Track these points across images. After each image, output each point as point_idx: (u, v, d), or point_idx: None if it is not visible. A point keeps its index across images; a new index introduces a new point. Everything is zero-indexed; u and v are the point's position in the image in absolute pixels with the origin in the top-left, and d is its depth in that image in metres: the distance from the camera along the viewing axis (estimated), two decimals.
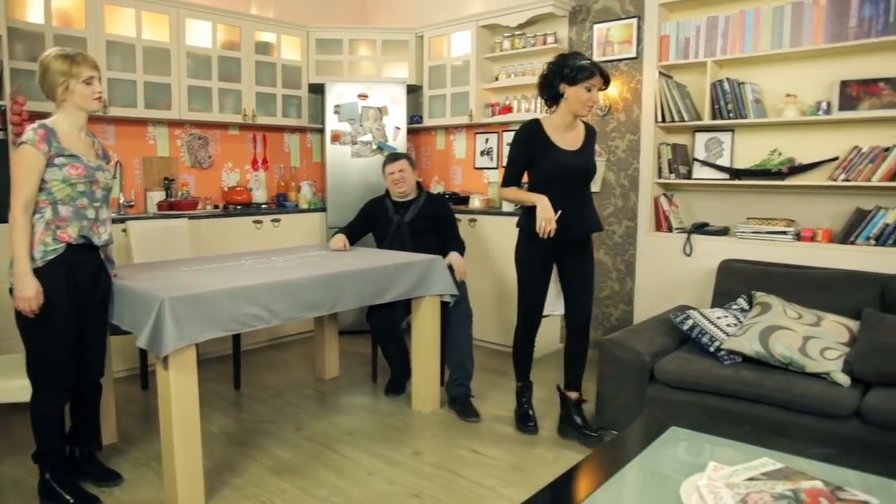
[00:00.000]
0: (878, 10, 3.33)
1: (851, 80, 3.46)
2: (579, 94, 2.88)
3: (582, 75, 2.85)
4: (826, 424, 2.57)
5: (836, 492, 1.73)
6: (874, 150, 3.36)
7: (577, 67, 2.85)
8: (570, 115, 2.97)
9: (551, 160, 2.96)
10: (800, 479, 1.78)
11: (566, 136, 3.02)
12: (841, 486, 1.76)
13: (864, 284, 3.08)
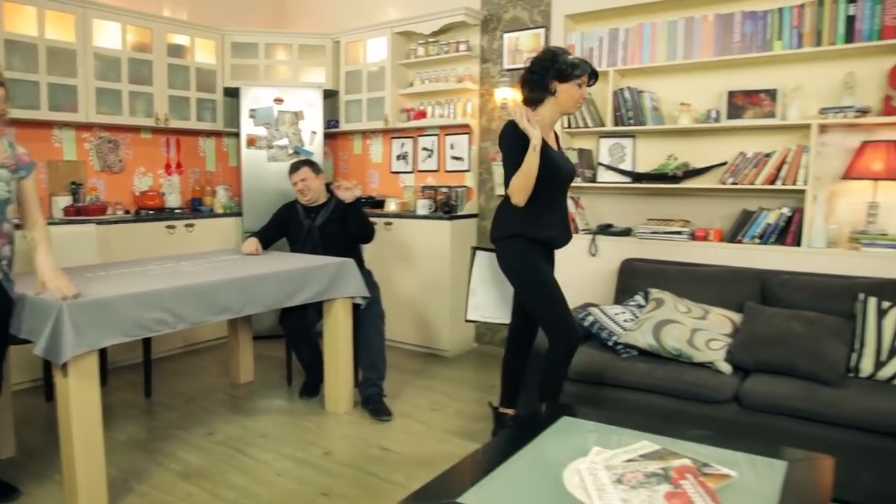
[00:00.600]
0: (756, 27, 3.59)
1: (738, 91, 3.72)
2: (572, 92, 2.75)
3: (576, 72, 2.73)
4: (709, 409, 2.77)
5: (703, 468, 1.89)
6: (757, 156, 3.62)
7: (570, 63, 2.73)
8: (559, 113, 2.84)
9: (547, 160, 2.72)
10: (672, 459, 1.94)
11: (550, 136, 2.86)
12: (707, 463, 1.93)
13: (747, 280, 3.32)
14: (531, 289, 2.81)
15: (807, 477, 1.89)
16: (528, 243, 2.78)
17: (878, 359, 2.80)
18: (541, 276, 2.78)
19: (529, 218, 2.76)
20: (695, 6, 3.80)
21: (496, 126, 4.53)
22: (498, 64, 4.47)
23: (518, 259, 2.80)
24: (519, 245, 2.78)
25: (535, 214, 2.77)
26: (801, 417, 2.59)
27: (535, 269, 2.78)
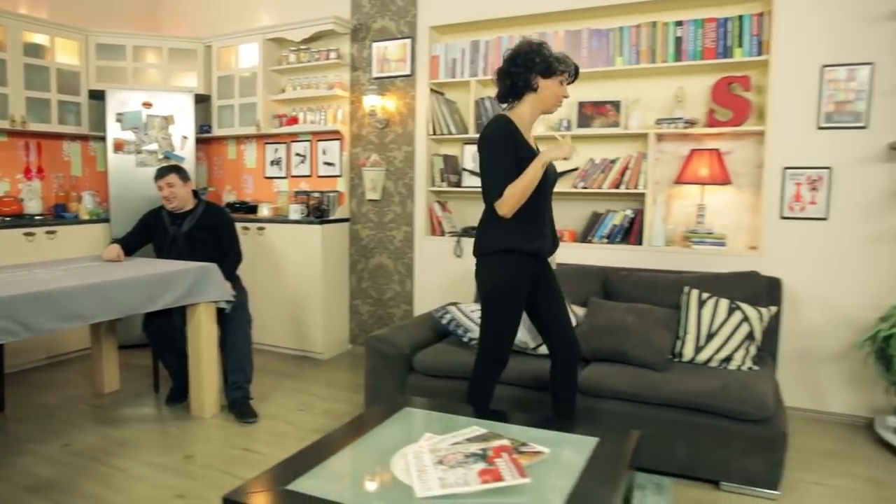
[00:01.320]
0: (601, 43, 3.90)
1: (587, 102, 4.02)
2: (554, 88, 2.56)
3: (560, 67, 2.54)
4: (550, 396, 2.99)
5: (520, 447, 2.07)
6: (604, 162, 3.93)
7: (553, 58, 2.53)
8: (539, 111, 2.62)
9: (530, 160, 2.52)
10: (493, 440, 2.11)
11: (530, 138, 2.64)
12: (525, 443, 2.11)
13: (592, 276, 3.60)
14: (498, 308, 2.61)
15: (612, 450, 2.11)
16: (521, 259, 2.56)
17: (698, 344, 3.12)
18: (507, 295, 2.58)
19: (521, 229, 2.54)
20: (547, 22, 4.07)
21: (366, 132, 4.66)
22: (367, 72, 4.59)
23: (506, 277, 2.57)
24: (509, 262, 2.56)
25: (527, 224, 2.55)
26: (628, 399, 2.85)
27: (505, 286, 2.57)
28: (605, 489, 1.86)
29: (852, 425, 3.45)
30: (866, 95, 3.33)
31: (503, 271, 2.57)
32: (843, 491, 2.75)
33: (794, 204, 3.51)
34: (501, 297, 2.59)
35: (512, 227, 2.53)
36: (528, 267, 2.59)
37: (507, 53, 2.60)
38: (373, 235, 4.71)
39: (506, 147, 2.47)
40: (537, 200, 2.54)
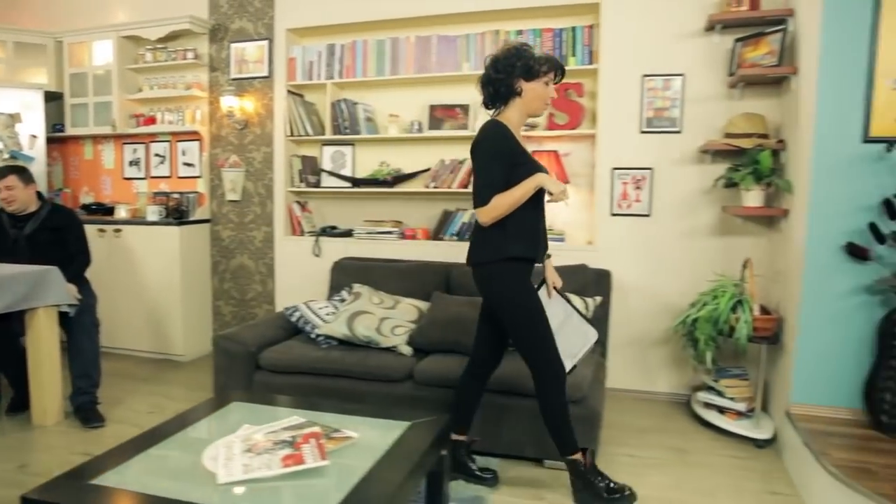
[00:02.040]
0: (449, 49, 4.07)
1: (437, 105, 4.19)
2: (539, 90, 2.47)
3: (543, 68, 2.46)
4: (390, 388, 3.12)
5: (331, 433, 2.18)
6: (453, 163, 4.11)
7: (537, 59, 2.46)
8: (526, 114, 2.55)
9: (529, 165, 2.48)
10: (306, 428, 2.21)
11: (522, 140, 2.57)
12: (338, 429, 2.22)
13: (437, 272, 3.76)
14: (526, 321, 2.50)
15: (419, 433, 2.25)
16: (517, 266, 2.49)
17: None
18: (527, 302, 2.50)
19: (517, 236, 2.48)
20: (400, 27, 4.21)
21: (225, 133, 4.64)
22: (226, 73, 4.58)
23: (517, 285, 2.50)
24: (512, 270, 2.49)
25: (524, 231, 2.50)
26: None
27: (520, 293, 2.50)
28: (399, 467, 2.00)
29: (674, 402, 3.78)
30: (679, 103, 3.66)
31: (506, 279, 2.49)
32: (651, 461, 3.03)
33: (622, 202, 3.81)
34: (520, 307, 2.50)
35: (509, 235, 2.47)
36: (527, 273, 2.53)
37: (488, 59, 2.53)
38: (234, 236, 4.71)
39: (500, 153, 2.43)
40: (533, 205, 2.47)
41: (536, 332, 2.49)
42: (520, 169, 2.43)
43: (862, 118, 2.84)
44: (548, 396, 2.52)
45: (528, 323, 2.49)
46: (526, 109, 2.53)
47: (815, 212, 2.93)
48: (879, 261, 2.84)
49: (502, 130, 2.46)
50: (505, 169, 2.41)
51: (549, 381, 2.51)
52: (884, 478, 2.37)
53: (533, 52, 2.48)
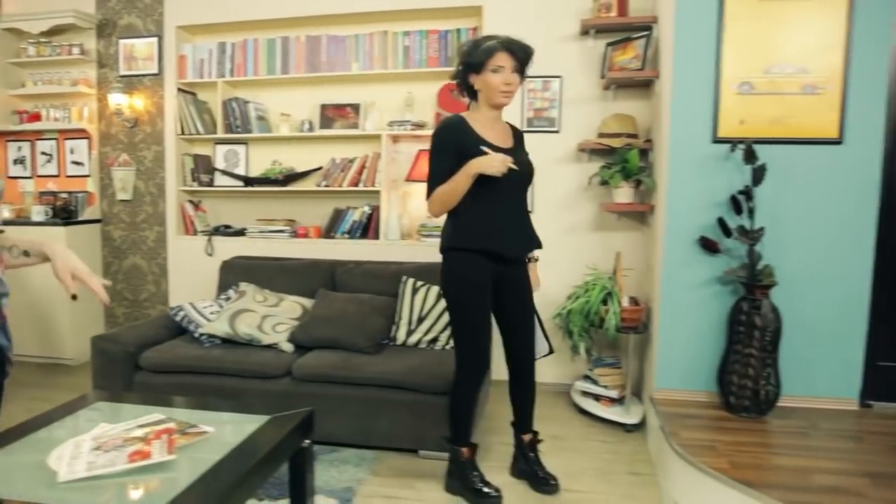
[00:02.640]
0: (339, 49, 4.12)
1: (329, 104, 4.22)
2: (488, 81, 2.43)
3: (482, 58, 2.40)
4: (269, 384, 3.14)
5: (187, 429, 2.19)
6: (343, 161, 4.15)
7: (476, 53, 2.41)
8: (490, 107, 2.51)
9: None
10: (161, 424, 2.22)
11: (494, 131, 2.54)
12: (194, 425, 2.24)
13: (323, 270, 3.80)
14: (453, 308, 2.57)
15: (276, 426, 2.29)
16: (467, 257, 2.49)
17: (409, 328, 3.42)
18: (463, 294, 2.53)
19: (465, 227, 2.48)
20: (291, 27, 4.23)
21: (115, 131, 4.55)
22: (114, 70, 4.48)
23: (456, 275, 2.52)
24: (452, 260, 2.52)
25: (472, 222, 2.47)
26: (335, 382, 3.07)
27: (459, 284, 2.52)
28: (247, 460, 2.03)
29: (559, 392, 3.93)
30: (557, 104, 3.81)
31: (449, 270, 2.53)
32: None
33: None
34: (454, 294, 2.53)
35: (459, 224, 2.48)
36: (481, 265, 2.49)
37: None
38: (125, 236, 4.61)
39: (444, 147, 2.43)
40: (492, 197, 2.44)
41: (462, 324, 2.54)
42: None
43: (711, 120, 3.04)
44: (456, 385, 2.64)
45: (455, 314, 2.55)
46: (487, 102, 2.50)
47: (671, 207, 3.12)
48: (728, 253, 3.04)
49: (451, 123, 2.48)
50: (450, 162, 2.40)
51: (460, 371, 2.61)
52: (723, 454, 2.56)
53: (474, 46, 2.45)
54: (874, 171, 2.96)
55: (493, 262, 2.50)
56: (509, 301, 2.64)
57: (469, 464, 2.68)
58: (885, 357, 3.08)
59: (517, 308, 2.67)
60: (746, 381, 2.92)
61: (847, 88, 2.93)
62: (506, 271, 2.57)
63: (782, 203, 3.01)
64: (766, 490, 2.25)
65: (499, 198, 2.46)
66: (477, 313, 2.54)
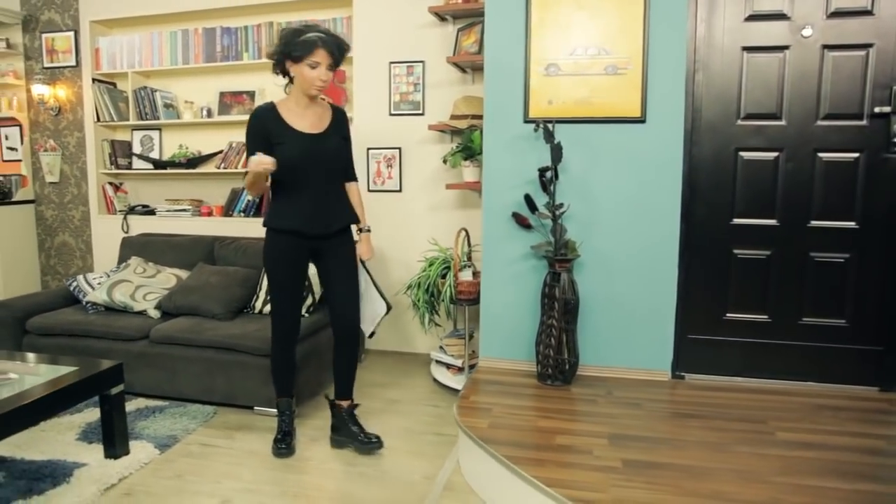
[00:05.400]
0: (232, 40, 4.40)
1: (226, 92, 4.52)
2: (304, 73, 2.58)
3: (299, 52, 2.55)
4: (129, 346, 3.47)
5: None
6: (239, 145, 4.45)
7: (296, 44, 2.54)
8: (302, 94, 2.68)
9: (289, 144, 2.64)
10: None
11: (305, 118, 2.71)
12: (5, 372, 2.60)
13: (205, 245, 4.12)
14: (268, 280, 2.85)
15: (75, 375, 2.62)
16: (275, 236, 2.74)
17: (266, 298, 3.70)
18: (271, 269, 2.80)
19: (274, 209, 2.75)
20: (190, 20, 4.53)
21: (42, 119, 4.96)
22: (39, 62, 4.89)
23: (264, 253, 2.80)
24: (266, 238, 2.77)
25: (279, 204, 2.75)
26: (184, 344, 3.38)
27: (268, 260, 2.78)
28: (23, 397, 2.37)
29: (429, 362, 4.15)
30: (421, 88, 4.01)
31: (264, 246, 2.78)
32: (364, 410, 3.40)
33: (377, 179, 4.16)
34: (266, 269, 2.82)
35: (272, 207, 2.77)
36: (285, 242, 2.73)
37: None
38: (56, 215, 5.04)
39: (253, 134, 2.66)
40: (296, 179, 2.67)
41: (271, 292, 2.84)
42: (277, 151, 2.60)
43: (522, 101, 3.20)
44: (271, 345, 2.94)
45: (268, 284, 2.85)
46: (300, 90, 2.67)
47: (488, 185, 3.30)
48: (543, 229, 3.21)
49: (262, 112, 2.69)
50: (259, 148, 2.57)
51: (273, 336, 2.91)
52: (492, 416, 2.76)
53: (298, 37, 2.55)
54: (677, 149, 3.08)
55: (303, 239, 2.73)
56: (330, 270, 2.86)
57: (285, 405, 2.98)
58: (695, 330, 3.21)
59: (337, 276, 2.86)
60: (550, 350, 3.10)
61: (647, 70, 3.05)
62: (323, 244, 2.79)
63: (591, 180, 3.17)
64: (496, 446, 2.45)
65: (305, 181, 2.68)
66: (282, 283, 2.80)
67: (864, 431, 2.62)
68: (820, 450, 2.45)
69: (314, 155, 2.67)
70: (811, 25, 2.93)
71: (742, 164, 3.08)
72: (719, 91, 3.06)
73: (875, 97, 2.90)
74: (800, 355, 3.10)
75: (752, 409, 2.85)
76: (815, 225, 3.03)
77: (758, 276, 3.12)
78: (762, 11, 2.98)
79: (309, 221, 2.71)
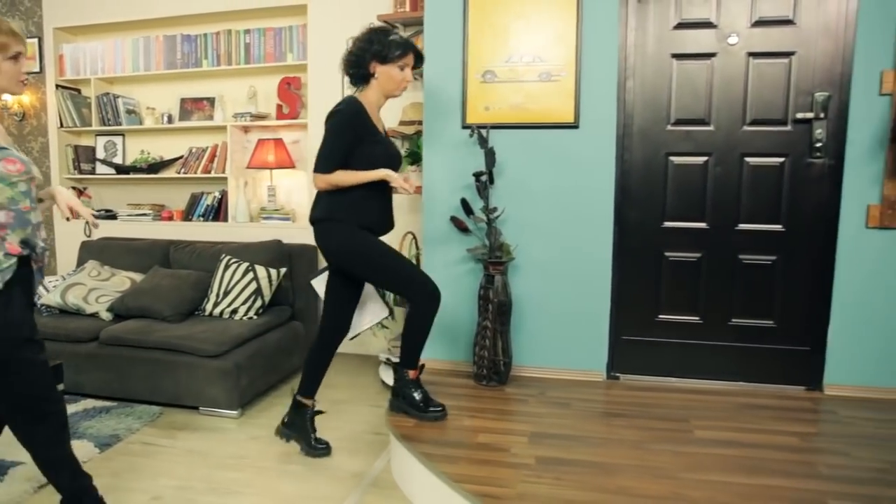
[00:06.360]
0: (192, 47, 4.48)
1: (187, 98, 4.59)
2: (392, 74, 2.61)
3: (395, 53, 2.59)
4: (79, 347, 3.54)
5: None
6: (199, 150, 4.52)
7: (388, 44, 2.59)
8: (383, 96, 2.70)
9: (383, 144, 2.67)
10: None
11: (378, 121, 2.74)
12: None
13: (160, 248, 4.19)
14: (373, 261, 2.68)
15: None
16: (351, 229, 2.65)
17: (216, 300, 3.77)
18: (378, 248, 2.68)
19: (356, 204, 2.63)
20: (150, 28, 4.62)
21: (7, 124, 5.03)
22: None
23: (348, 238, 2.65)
24: (345, 228, 2.65)
25: (363, 199, 2.64)
26: (131, 346, 3.45)
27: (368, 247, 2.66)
28: None
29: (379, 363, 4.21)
30: None
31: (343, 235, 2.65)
32: None
33: None
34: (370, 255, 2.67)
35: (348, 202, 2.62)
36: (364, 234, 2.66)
37: (349, 41, 2.74)
38: None
39: (347, 129, 2.56)
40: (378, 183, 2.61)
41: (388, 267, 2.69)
42: (374, 147, 2.61)
43: (460, 107, 3.27)
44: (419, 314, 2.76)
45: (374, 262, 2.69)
46: (382, 91, 2.66)
47: (428, 189, 3.38)
48: (477, 233, 3.28)
49: (356, 107, 2.60)
50: (348, 144, 2.56)
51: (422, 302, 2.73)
52: None
53: (388, 37, 2.61)
54: (609, 154, 3.16)
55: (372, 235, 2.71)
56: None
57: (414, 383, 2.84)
58: (629, 332, 3.27)
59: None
60: (485, 351, 3.17)
61: (580, 77, 3.13)
62: None
63: (527, 185, 3.24)
64: (415, 444, 2.52)
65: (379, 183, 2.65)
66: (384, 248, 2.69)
67: (781, 429, 2.69)
68: (733, 447, 2.51)
69: (396, 157, 2.75)
70: (736, 34, 3.01)
71: (672, 168, 3.15)
72: (650, 97, 3.13)
73: (798, 103, 2.98)
74: (730, 355, 3.17)
75: (678, 408, 2.92)
76: (743, 228, 3.11)
77: (689, 279, 3.19)
78: (690, 20, 3.06)
79: (383, 219, 2.75)
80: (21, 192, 1.96)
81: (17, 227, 1.95)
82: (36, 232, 2.04)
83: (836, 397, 3.04)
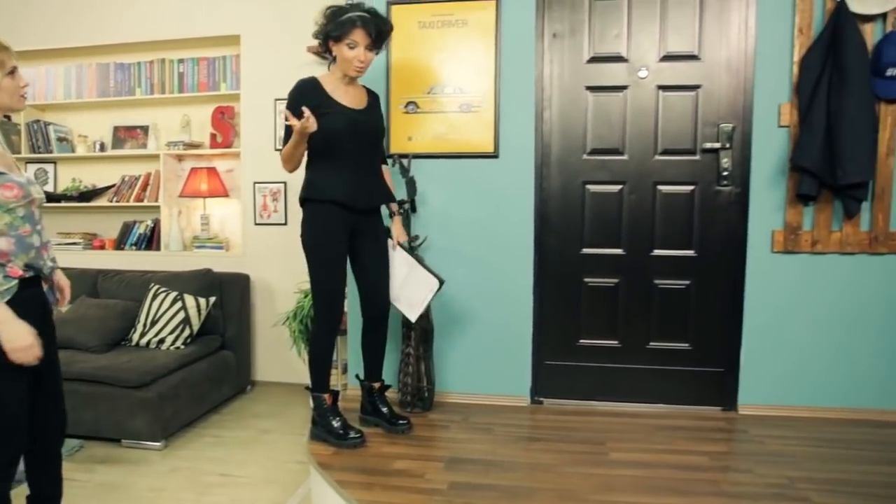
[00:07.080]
0: (125, 76, 4.47)
1: (121, 126, 4.58)
2: (343, 53, 2.56)
3: (340, 31, 2.52)
4: None
5: None
6: (131, 179, 4.50)
7: (337, 23, 2.52)
8: (344, 73, 2.63)
9: (334, 115, 2.56)
10: None
11: (348, 94, 2.66)
12: None
13: (88, 278, 4.14)
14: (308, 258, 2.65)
15: None
16: (317, 208, 2.60)
17: (143, 330, 3.73)
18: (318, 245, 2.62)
19: (313, 182, 2.60)
20: (83, 55, 4.60)
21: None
22: None
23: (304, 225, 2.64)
24: (307, 210, 2.62)
25: (320, 176, 2.59)
26: None
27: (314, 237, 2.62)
28: None
29: None
30: None
31: (306, 221, 2.62)
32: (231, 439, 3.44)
33: (263, 212, 4.25)
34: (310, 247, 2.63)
35: (311, 178, 2.60)
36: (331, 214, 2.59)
37: None
38: None
39: (295, 104, 2.49)
40: (342, 154, 2.58)
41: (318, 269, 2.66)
42: (323, 118, 2.48)
43: (386, 137, 3.32)
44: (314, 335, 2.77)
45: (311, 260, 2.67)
46: (341, 69, 2.63)
47: None
48: None
49: (305, 85, 2.60)
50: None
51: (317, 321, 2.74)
52: None
53: (340, 15, 2.54)
54: (528, 183, 3.24)
55: (345, 211, 2.61)
56: (365, 251, 2.76)
57: (331, 410, 2.78)
58: (551, 356, 3.33)
59: (374, 259, 2.79)
60: (409, 378, 3.19)
61: (499, 108, 3.21)
62: (359, 222, 2.69)
63: (450, 213, 3.29)
64: (331, 471, 2.51)
65: (349, 153, 2.61)
66: (327, 258, 2.63)
67: (692, 449, 2.76)
68: (644, 468, 2.57)
69: (360, 127, 2.63)
70: (646, 67, 3.14)
71: (589, 196, 3.24)
72: (566, 128, 3.23)
73: (705, 134, 3.11)
74: (648, 378, 3.25)
75: (597, 431, 2.97)
76: (657, 254, 3.21)
77: (608, 304, 3.27)
78: (603, 54, 3.18)
79: (353, 192, 2.62)
80: (20, 216, 1.94)
81: (20, 253, 1.93)
82: (41, 253, 2.03)
83: (749, 416, 3.13)
